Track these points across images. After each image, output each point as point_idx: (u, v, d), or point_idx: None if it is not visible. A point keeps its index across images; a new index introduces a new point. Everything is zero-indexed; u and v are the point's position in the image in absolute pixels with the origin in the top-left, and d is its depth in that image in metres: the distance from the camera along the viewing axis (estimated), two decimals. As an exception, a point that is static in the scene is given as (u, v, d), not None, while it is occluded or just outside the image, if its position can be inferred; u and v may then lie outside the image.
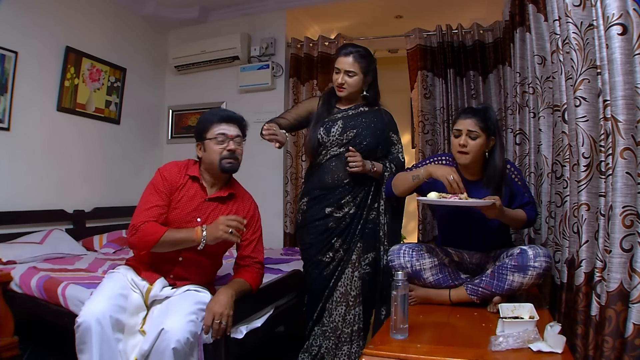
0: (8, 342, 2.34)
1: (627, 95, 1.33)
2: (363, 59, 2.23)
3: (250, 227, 2.03)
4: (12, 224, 3.00)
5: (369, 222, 2.24)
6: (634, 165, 1.33)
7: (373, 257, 2.23)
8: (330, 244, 2.22)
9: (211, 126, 1.96)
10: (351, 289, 2.20)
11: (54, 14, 3.33)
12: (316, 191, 2.28)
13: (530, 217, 2.00)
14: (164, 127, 4.49)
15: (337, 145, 2.23)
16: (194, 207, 1.94)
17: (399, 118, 2.51)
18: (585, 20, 1.53)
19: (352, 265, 2.21)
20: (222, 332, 1.77)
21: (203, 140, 1.97)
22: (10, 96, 3.04)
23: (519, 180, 2.04)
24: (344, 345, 2.16)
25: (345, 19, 4.49)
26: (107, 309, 1.69)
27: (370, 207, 2.25)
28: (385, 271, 2.19)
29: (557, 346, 1.36)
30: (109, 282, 1.86)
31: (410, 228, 5.42)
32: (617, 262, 1.34)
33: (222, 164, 1.94)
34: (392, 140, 2.32)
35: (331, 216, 2.23)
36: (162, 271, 1.94)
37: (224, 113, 2.02)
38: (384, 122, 2.29)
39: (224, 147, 1.94)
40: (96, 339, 1.64)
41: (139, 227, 1.82)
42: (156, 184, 1.94)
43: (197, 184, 1.98)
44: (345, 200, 2.21)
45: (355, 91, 2.27)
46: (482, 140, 1.92)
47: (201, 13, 4.21)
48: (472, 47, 3.57)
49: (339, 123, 2.25)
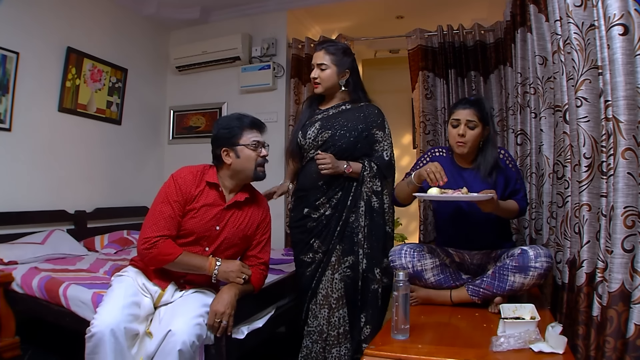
0: (9, 343, 2.34)
1: (628, 96, 1.33)
2: (336, 51, 2.21)
3: (260, 229, 2.04)
4: (13, 224, 3.00)
5: (349, 224, 2.19)
6: (636, 166, 1.33)
7: (353, 260, 2.16)
8: (310, 244, 2.21)
9: (243, 132, 1.93)
10: (332, 291, 2.16)
11: (55, 14, 3.34)
12: (298, 192, 2.30)
13: (521, 207, 2.02)
14: (165, 127, 4.50)
15: (314, 147, 2.22)
16: (212, 215, 1.92)
17: (400, 118, 2.52)
18: (587, 21, 1.53)
19: (331, 268, 2.17)
20: (222, 331, 1.78)
21: (234, 146, 1.92)
22: (11, 97, 3.04)
23: (512, 166, 2.07)
24: (333, 348, 2.13)
25: (346, 19, 4.49)
26: (121, 320, 1.67)
27: (350, 208, 2.18)
28: (364, 276, 2.14)
29: (558, 347, 1.36)
30: (120, 288, 1.81)
31: (412, 228, 5.43)
32: (618, 262, 1.33)
33: (257, 171, 1.95)
34: (375, 138, 2.22)
35: (309, 217, 2.22)
36: (174, 276, 1.93)
37: (252, 119, 1.99)
38: (367, 120, 2.21)
39: (258, 153, 1.94)
40: (110, 350, 1.62)
41: (155, 243, 1.79)
42: (169, 193, 1.88)
43: (214, 190, 1.95)
44: (320, 201, 2.19)
45: (331, 85, 2.23)
46: (479, 130, 1.97)
47: (202, 13, 4.21)
48: (473, 48, 3.56)
49: (316, 125, 2.23)
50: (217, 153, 1.95)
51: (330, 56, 2.20)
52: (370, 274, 2.13)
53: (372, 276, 2.13)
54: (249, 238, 2.02)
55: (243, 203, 1.99)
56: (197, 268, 1.84)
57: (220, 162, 1.96)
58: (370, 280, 2.14)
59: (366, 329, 2.13)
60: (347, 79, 2.24)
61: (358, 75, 2.30)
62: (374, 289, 2.13)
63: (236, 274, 1.84)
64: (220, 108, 4.24)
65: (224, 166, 1.95)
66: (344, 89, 2.25)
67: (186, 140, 4.39)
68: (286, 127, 3.96)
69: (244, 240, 2.00)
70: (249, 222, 2.00)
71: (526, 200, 2.07)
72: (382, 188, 2.18)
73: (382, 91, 2.43)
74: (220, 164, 1.97)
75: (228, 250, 1.97)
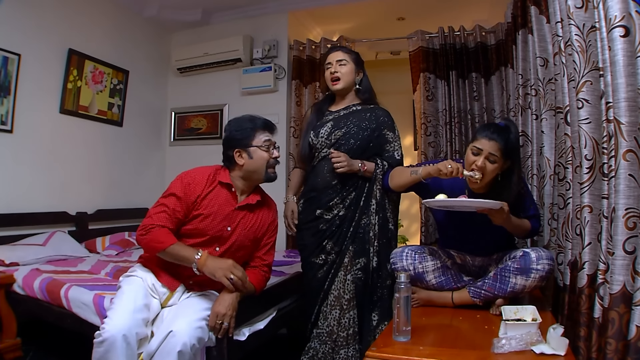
0: (11, 344, 2.35)
1: (629, 97, 1.33)
2: (351, 52, 2.33)
3: (269, 231, 2.05)
4: (15, 225, 3.01)
5: (361, 225, 2.20)
6: (637, 167, 1.33)
7: (365, 262, 2.18)
8: (322, 246, 2.21)
9: (255, 133, 1.94)
10: (344, 292, 2.17)
11: (57, 16, 3.35)
12: (309, 193, 2.29)
13: (534, 227, 1.99)
14: (166, 129, 4.50)
15: (326, 146, 2.24)
16: (224, 216, 1.92)
17: (401, 120, 2.52)
18: (588, 22, 1.53)
19: (344, 269, 2.18)
20: (224, 332, 1.78)
21: (247, 147, 1.93)
22: (13, 98, 3.05)
23: (525, 192, 2.01)
24: (341, 349, 2.14)
25: (348, 21, 4.50)
26: (133, 325, 1.66)
27: (363, 209, 2.20)
28: (375, 273, 2.17)
29: (559, 348, 1.36)
30: (130, 291, 1.79)
31: (413, 230, 5.42)
32: (620, 264, 1.33)
33: (268, 172, 1.96)
34: (386, 139, 2.27)
35: (321, 218, 2.22)
36: (183, 277, 1.92)
37: (264, 120, 2.00)
38: (378, 120, 2.26)
39: (270, 154, 1.95)
40: (122, 356, 1.60)
41: (149, 229, 1.81)
42: (176, 190, 1.88)
43: (226, 190, 1.95)
44: (334, 202, 2.20)
45: (350, 81, 2.28)
46: (499, 164, 1.83)
47: (204, 15, 4.22)
48: (475, 49, 3.56)
49: (328, 125, 2.26)
50: (230, 154, 1.95)
51: (348, 54, 2.29)
52: (381, 272, 2.15)
53: (382, 273, 2.14)
54: (259, 240, 2.03)
55: (255, 206, 1.99)
56: (186, 260, 1.79)
57: (232, 164, 1.96)
58: (380, 277, 2.15)
59: (379, 329, 2.14)
60: (361, 78, 2.31)
61: (368, 79, 2.37)
62: (386, 285, 2.15)
63: (224, 271, 1.77)
64: (221, 110, 4.24)
65: (236, 167, 1.96)
66: (358, 87, 2.31)
67: (187, 142, 4.39)
68: (287, 128, 3.96)
69: (254, 242, 2.01)
70: (260, 225, 2.01)
71: (539, 222, 2.03)
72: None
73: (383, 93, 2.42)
74: (232, 165, 1.97)
75: (239, 251, 1.97)
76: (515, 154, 1.88)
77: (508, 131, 1.86)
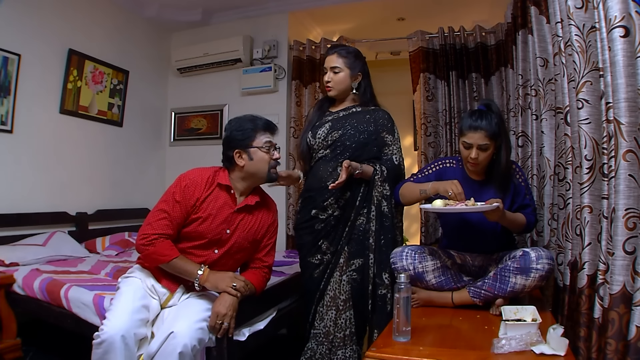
0: (11, 344, 2.35)
1: (629, 98, 1.33)
2: (348, 55, 2.25)
3: (269, 232, 2.04)
4: (15, 226, 3.01)
5: (356, 227, 2.18)
6: (637, 168, 1.33)
7: (361, 264, 2.16)
8: (318, 246, 2.20)
9: (256, 134, 1.91)
10: (340, 293, 2.16)
11: (57, 16, 3.35)
12: (306, 193, 2.29)
13: (529, 221, 1.99)
14: (166, 129, 4.50)
15: (323, 147, 2.23)
16: (222, 218, 1.90)
17: (401, 120, 2.51)
18: (588, 23, 1.53)
19: (339, 269, 2.17)
20: (224, 333, 1.78)
21: (247, 148, 1.91)
22: (13, 98, 3.05)
23: (522, 181, 2.04)
24: (338, 350, 2.13)
25: (348, 22, 4.50)
26: (131, 326, 1.66)
27: (358, 210, 2.18)
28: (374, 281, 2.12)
29: (559, 349, 1.36)
30: (129, 292, 1.79)
31: (413, 230, 5.42)
32: (619, 264, 1.33)
33: (270, 173, 1.94)
34: (384, 141, 2.24)
35: (317, 218, 2.21)
36: (182, 278, 1.91)
37: (266, 120, 1.98)
38: (377, 123, 2.23)
39: (271, 155, 1.93)
40: (121, 357, 1.61)
41: (153, 240, 1.80)
42: (175, 194, 1.86)
43: (225, 192, 1.93)
44: (328, 202, 2.18)
45: (344, 88, 2.26)
46: (492, 148, 1.91)
47: (204, 16, 4.22)
48: (475, 49, 3.56)
49: (326, 125, 2.24)
50: (230, 155, 1.92)
51: (343, 59, 2.23)
52: (378, 279, 2.12)
53: (379, 281, 2.12)
54: (258, 242, 2.02)
55: (253, 207, 1.98)
56: (188, 274, 1.82)
57: (232, 164, 1.93)
58: (378, 285, 2.12)
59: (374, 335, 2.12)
60: (359, 82, 2.27)
61: (369, 79, 2.32)
62: (382, 294, 2.12)
63: (226, 283, 1.80)
64: (221, 110, 4.25)
65: (236, 168, 1.93)
66: (355, 92, 2.27)
67: (187, 142, 4.39)
68: (287, 129, 3.96)
69: (253, 244, 2.00)
70: (259, 226, 2.00)
71: (535, 215, 2.04)
72: (391, 192, 2.17)
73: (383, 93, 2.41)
74: (232, 166, 1.95)
75: (237, 253, 1.97)
76: (502, 132, 1.92)
77: (490, 112, 1.92)
